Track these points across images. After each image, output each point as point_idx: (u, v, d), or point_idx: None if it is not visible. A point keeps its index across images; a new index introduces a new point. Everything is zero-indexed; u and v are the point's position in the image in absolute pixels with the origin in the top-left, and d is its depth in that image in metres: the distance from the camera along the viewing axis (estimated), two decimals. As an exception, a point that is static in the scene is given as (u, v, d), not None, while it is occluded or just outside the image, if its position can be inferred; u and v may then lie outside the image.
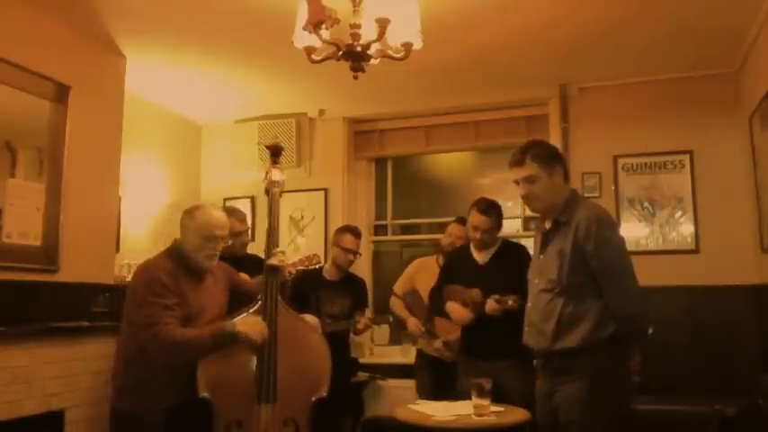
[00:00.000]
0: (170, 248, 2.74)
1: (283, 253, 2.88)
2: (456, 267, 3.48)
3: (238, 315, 2.74)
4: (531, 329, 2.54)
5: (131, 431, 2.60)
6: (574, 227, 2.42)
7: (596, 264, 2.37)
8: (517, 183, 2.57)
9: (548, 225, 2.56)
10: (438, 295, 3.49)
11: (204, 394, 2.59)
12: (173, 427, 2.56)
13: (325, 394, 2.79)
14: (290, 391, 2.70)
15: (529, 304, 2.59)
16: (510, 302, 3.03)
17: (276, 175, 2.97)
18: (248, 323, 2.65)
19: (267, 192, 2.97)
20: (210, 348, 2.58)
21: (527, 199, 2.59)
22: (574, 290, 2.40)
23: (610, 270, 2.38)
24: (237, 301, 2.88)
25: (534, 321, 2.52)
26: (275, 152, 3.02)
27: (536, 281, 2.56)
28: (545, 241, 2.56)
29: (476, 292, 3.23)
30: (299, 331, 2.88)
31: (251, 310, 2.76)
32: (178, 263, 2.67)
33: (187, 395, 2.59)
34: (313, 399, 2.77)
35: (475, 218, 3.31)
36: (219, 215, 2.76)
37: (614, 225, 2.57)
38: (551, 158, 2.54)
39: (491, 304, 3.11)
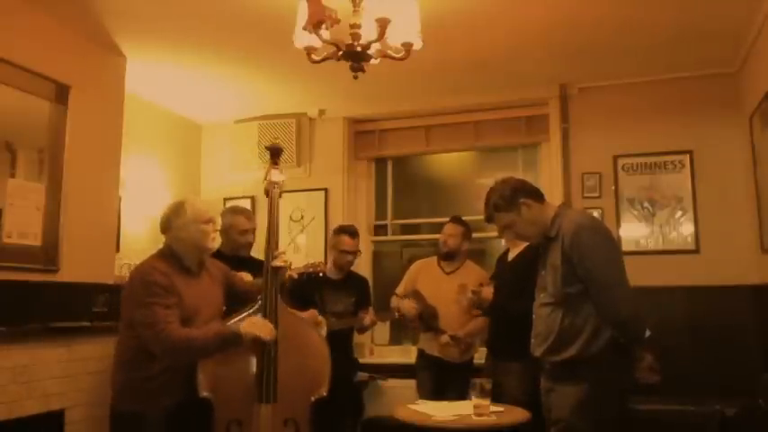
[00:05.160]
0: (162, 250, 2.75)
1: (284, 253, 2.90)
2: (497, 266, 3.71)
3: (238, 316, 2.74)
4: (537, 340, 2.59)
5: (131, 431, 2.60)
6: (561, 239, 2.47)
7: (583, 272, 2.42)
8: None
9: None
10: None
11: (204, 394, 2.59)
12: (172, 426, 2.56)
13: (325, 394, 2.80)
14: (290, 391, 2.70)
15: (534, 316, 2.63)
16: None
17: (276, 175, 2.99)
18: (254, 322, 2.64)
19: (267, 193, 2.98)
20: (214, 348, 2.57)
21: (519, 239, 2.81)
22: (570, 301, 2.44)
23: (596, 277, 2.41)
24: (232, 300, 2.87)
25: (538, 333, 2.58)
26: (275, 153, 3.03)
27: (541, 295, 2.61)
28: (542, 257, 2.63)
29: (486, 291, 3.42)
30: (299, 331, 2.88)
31: (250, 311, 2.76)
32: (172, 263, 2.67)
33: (186, 395, 2.58)
34: (313, 398, 2.77)
35: None
36: (201, 200, 2.88)
37: (598, 230, 2.54)
38: (512, 198, 2.58)
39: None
